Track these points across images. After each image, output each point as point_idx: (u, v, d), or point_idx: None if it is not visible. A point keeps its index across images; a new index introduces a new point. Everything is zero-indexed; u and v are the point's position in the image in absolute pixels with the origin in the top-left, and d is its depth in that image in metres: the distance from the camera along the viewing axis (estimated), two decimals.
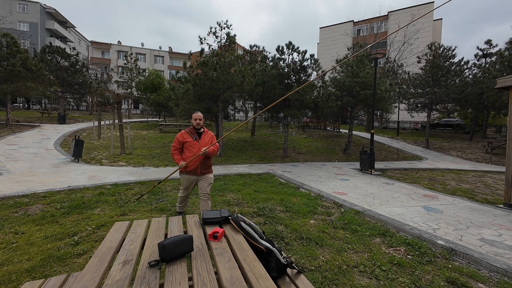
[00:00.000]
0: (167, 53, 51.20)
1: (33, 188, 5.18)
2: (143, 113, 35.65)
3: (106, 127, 16.72)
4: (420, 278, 2.50)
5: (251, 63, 15.98)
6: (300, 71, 10.75)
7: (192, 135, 3.45)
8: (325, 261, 2.73)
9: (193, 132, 3.47)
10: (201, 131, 3.51)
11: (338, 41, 39.25)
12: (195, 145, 3.40)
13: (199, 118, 3.42)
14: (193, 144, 3.40)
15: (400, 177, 8.14)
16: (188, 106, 10.40)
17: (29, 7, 37.19)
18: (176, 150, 3.46)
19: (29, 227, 3.42)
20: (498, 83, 5.22)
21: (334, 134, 19.64)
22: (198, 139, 3.44)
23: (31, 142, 11.44)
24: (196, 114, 3.43)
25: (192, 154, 3.38)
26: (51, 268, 2.46)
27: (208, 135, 3.54)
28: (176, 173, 3.76)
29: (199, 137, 3.46)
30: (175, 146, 3.44)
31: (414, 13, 33.20)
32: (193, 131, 3.48)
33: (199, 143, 3.41)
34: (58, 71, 19.65)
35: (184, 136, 3.43)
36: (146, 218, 3.62)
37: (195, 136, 3.44)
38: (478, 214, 4.55)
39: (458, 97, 16.33)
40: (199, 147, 3.38)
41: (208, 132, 3.58)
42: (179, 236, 1.41)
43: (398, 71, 25.45)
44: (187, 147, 3.43)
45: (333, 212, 4.40)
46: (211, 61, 10.02)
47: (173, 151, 3.46)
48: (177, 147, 3.45)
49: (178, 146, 3.45)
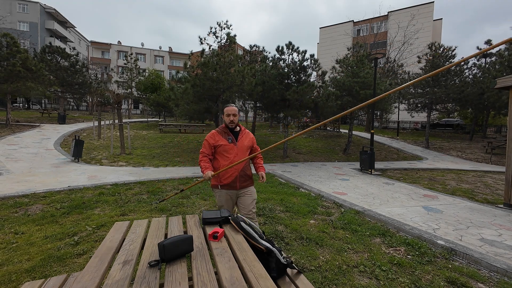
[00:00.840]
0: (167, 53, 51.22)
1: (33, 188, 5.18)
2: (143, 113, 35.66)
3: (106, 127, 16.72)
4: (420, 278, 2.50)
5: (251, 63, 15.98)
6: (300, 71, 10.75)
7: (227, 136, 2.55)
8: (325, 261, 2.73)
9: (227, 132, 2.57)
10: (237, 130, 2.63)
11: (338, 41, 39.27)
12: (232, 149, 2.53)
13: (233, 113, 2.53)
14: (229, 149, 2.52)
15: (400, 177, 8.14)
16: (188, 106, 10.40)
17: (29, 7, 37.19)
18: (205, 156, 2.54)
19: (29, 227, 3.42)
20: (498, 83, 5.22)
21: (334, 134, 19.64)
22: (235, 142, 2.55)
23: (31, 142, 11.44)
24: (229, 108, 2.54)
25: (228, 162, 2.49)
26: (51, 268, 2.46)
27: (247, 136, 2.66)
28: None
29: (235, 139, 2.58)
30: (204, 152, 2.56)
31: (414, 13, 33.21)
32: (227, 131, 2.58)
33: (237, 146, 2.54)
34: (58, 71, 19.65)
35: (215, 137, 2.56)
36: (146, 218, 3.62)
37: (230, 138, 2.55)
38: (478, 214, 4.55)
39: (458, 97, 16.34)
40: (236, 152, 2.53)
41: (245, 131, 2.70)
42: (179, 236, 1.41)
43: (398, 71, 25.46)
44: (221, 152, 2.54)
45: (333, 212, 4.40)
46: (211, 61, 10.03)
47: (202, 157, 2.55)
48: (207, 153, 2.55)
49: (209, 152, 2.55)
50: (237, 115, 2.57)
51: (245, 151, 2.60)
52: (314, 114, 13.82)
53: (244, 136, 2.64)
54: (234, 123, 2.57)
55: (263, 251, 1.58)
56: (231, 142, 2.54)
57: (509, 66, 14.44)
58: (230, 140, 2.55)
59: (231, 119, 2.53)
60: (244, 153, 2.59)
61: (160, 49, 51.23)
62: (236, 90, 10.81)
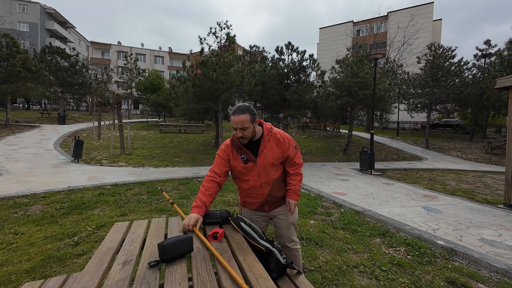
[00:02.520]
0: (167, 54, 51.25)
1: (33, 189, 5.17)
2: (143, 114, 35.67)
3: (106, 127, 16.71)
4: (420, 278, 2.49)
5: (251, 63, 16.00)
6: (299, 71, 10.77)
7: (241, 154, 1.76)
8: (325, 262, 2.73)
9: (241, 147, 1.75)
10: (257, 139, 1.76)
11: (338, 41, 39.29)
12: (250, 171, 1.76)
13: (241, 126, 1.64)
14: (246, 171, 1.77)
15: (400, 177, 8.14)
16: (188, 106, 10.41)
17: (29, 7, 37.21)
18: (210, 180, 1.77)
19: (29, 227, 3.42)
20: (498, 83, 5.23)
21: (334, 134, 19.66)
22: (255, 160, 1.73)
23: (31, 142, 11.43)
24: (233, 118, 1.65)
25: (248, 186, 1.81)
26: (50, 269, 2.45)
27: (274, 145, 1.76)
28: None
29: (255, 154, 1.73)
30: (214, 171, 1.79)
31: (414, 13, 33.25)
32: (241, 145, 1.75)
33: (257, 165, 1.73)
34: (58, 72, 19.67)
35: (228, 152, 1.80)
36: (146, 219, 3.62)
37: (244, 156, 1.74)
38: (478, 214, 4.55)
39: (457, 97, 16.36)
40: (258, 173, 1.75)
41: (272, 136, 1.77)
42: (179, 237, 1.41)
43: (398, 71, 25.48)
44: (237, 176, 1.85)
45: (333, 213, 4.40)
46: (210, 61, 10.03)
47: (206, 178, 1.80)
48: (214, 174, 1.79)
49: (220, 171, 1.78)
50: (248, 127, 1.65)
51: (271, 168, 1.76)
52: (313, 114, 13.84)
53: (268, 147, 1.74)
54: (246, 138, 1.69)
55: (263, 251, 1.58)
56: (246, 162, 1.74)
57: (508, 66, 14.47)
58: (245, 160, 1.74)
59: (239, 134, 1.67)
60: (270, 172, 1.77)
61: (160, 49, 51.27)
62: (236, 90, 10.82)
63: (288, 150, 1.79)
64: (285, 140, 1.78)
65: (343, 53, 18.07)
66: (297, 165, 1.86)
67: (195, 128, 19.74)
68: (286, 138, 1.80)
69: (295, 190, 1.84)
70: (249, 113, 1.64)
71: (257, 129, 1.76)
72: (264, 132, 1.76)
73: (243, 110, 1.64)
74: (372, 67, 11.76)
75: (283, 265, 1.53)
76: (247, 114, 1.63)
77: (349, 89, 11.82)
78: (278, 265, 1.52)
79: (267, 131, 1.77)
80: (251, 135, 1.70)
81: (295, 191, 1.84)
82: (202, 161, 9.65)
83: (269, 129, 1.79)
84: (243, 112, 1.64)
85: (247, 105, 1.69)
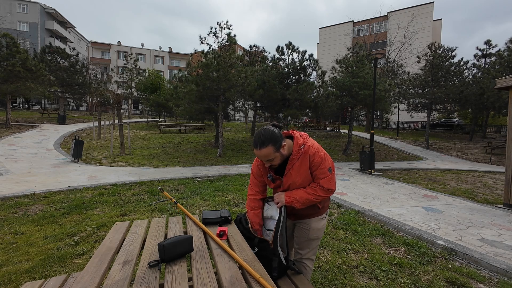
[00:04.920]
0: (167, 54, 51.23)
1: (33, 189, 5.17)
2: (143, 114, 35.67)
3: (106, 127, 16.71)
4: (420, 278, 2.50)
5: (251, 63, 16.00)
6: (300, 71, 10.77)
7: (267, 172, 1.70)
8: (325, 261, 2.73)
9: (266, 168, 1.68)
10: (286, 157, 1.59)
11: (338, 41, 39.28)
12: (280, 186, 1.70)
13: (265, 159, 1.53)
14: (275, 187, 1.74)
15: (400, 177, 8.14)
16: (189, 106, 10.41)
17: (29, 7, 37.21)
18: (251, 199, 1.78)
19: (29, 227, 3.42)
20: (498, 83, 5.22)
21: (334, 134, 19.65)
22: (281, 179, 1.65)
23: (31, 142, 11.43)
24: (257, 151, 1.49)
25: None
26: (51, 269, 2.45)
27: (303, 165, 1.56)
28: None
29: (282, 172, 1.63)
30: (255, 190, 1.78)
31: (414, 13, 33.24)
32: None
33: (282, 182, 1.65)
34: (58, 72, 19.67)
35: (260, 168, 1.73)
36: (146, 219, 3.62)
37: (270, 175, 1.68)
38: (478, 214, 4.55)
39: (457, 97, 16.35)
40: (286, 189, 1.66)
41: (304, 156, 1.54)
42: (179, 237, 1.41)
43: (398, 71, 25.48)
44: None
45: (333, 212, 4.40)
46: (213, 62, 10.04)
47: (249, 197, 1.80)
48: (254, 191, 1.78)
49: (259, 188, 1.78)
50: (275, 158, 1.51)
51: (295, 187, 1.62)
52: (314, 114, 13.83)
53: (296, 167, 1.56)
54: (276, 163, 1.57)
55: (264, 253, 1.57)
56: (273, 181, 1.69)
57: (508, 66, 14.46)
58: (271, 178, 1.68)
59: (267, 165, 1.60)
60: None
61: (160, 49, 51.26)
62: (237, 90, 10.82)
63: (315, 171, 1.55)
64: (316, 159, 1.53)
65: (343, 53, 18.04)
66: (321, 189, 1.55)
67: (195, 128, 19.74)
68: (319, 156, 1.53)
69: (296, 196, 1.56)
70: (271, 144, 1.45)
71: (288, 144, 1.54)
72: (293, 150, 1.54)
73: (264, 143, 1.45)
74: (372, 67, 11.75)
75: (285, 266, 1.53)
76: (269, 147, 1.45)
77: (349, 89, 11.82)
78: (280, 265, 1.52)
79: (297, 147, 1.54)
80: (281, 161, 1.56)
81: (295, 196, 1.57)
82: (202, 161, 9.65)
83: (300, 145, 1.54)
84: (263, 145, 1.45)
85: (268, 134, 1.47)
